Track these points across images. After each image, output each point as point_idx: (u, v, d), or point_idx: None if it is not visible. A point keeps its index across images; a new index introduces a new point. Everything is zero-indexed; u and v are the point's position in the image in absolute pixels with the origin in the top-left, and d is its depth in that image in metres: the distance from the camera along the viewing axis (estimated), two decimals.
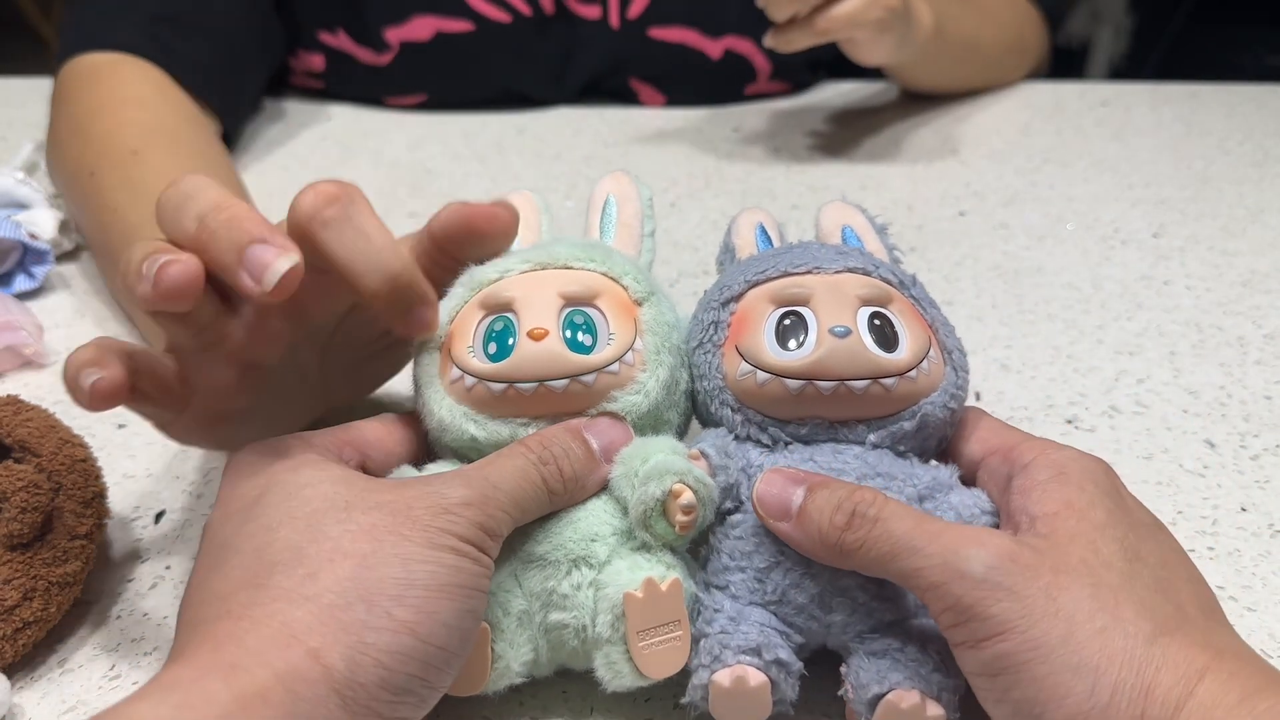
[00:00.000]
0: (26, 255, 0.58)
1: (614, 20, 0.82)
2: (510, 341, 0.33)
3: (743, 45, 0.83)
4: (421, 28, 0.80)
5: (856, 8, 0.64)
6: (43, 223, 0.60)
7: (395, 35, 0.81)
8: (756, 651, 0.31)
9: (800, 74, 0.88)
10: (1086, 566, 0.28)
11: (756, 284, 0.35)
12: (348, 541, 0.28)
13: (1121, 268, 0.61)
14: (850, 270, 0.35)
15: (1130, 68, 1.68)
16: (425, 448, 0.36)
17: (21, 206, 0.61)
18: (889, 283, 0.35)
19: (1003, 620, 0.27)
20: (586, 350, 0.33)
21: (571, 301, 0.34)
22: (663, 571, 0.32)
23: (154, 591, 0.39)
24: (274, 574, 0.27)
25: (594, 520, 0.33)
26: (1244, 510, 0.42)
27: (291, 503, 0.29)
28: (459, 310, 0.35)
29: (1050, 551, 0.29)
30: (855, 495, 0.30)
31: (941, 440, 0.36)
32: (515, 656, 0.32)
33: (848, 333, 0.32)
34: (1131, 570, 0.28)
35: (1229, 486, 0.44)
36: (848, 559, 0.30)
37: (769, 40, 0.67)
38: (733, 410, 0.34)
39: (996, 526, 0.33)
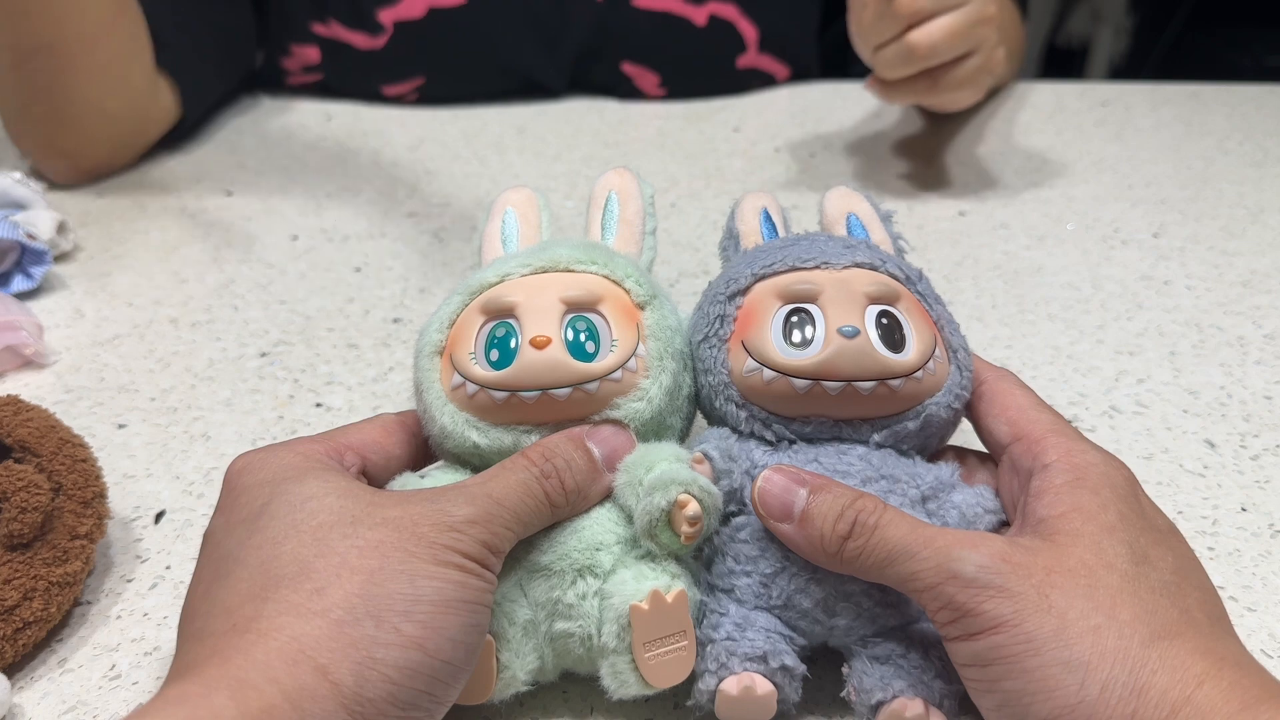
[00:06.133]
0: (24, 256, 0.58)
1: None
2: (513, 346, 0.33)
3: (726, 10, 0.84)
4: (414, 5, 0.81)
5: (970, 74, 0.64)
6: (41, 223, 0.60)
7: (389, 16, 0.81)
8: (763, 659, 0.31)
9: (793, 47, 0.88)
10: (1085, 567, 0.28)
11: (763, 278, 0.35)
12: (354, 557, 0.28)
13: (1121, 268, 0.61)
14: (858, 265, 0.34)
15: (1130, 68, 1.68)
16: (425, 449, 0.36)
17: (19, 207, 0.61)
18: (896, 278, 0.35)
19: (994, 616, 0.28)
20: (589, 357, 0.33)
21: (574, 307, 0.33)
22: (668, 582, 0.31)
23: (154, 591, 0.39)
24: (280, 588, 0.27)
25: (598, 529, 0.32)
26: (1244, 510, 0.42)
27: (297, 515, 0.29)
28: (459, 314, 0.35)
29: (1045, 551, 0.29)
30: (857, 504, 0.30)
31: (944, 438, 0.36)
32: (521, 666, 0.32)
33: (856, 333, 0.32)
34: (1137, 573, 0.29)
35: (1229, 486, 0.44)
36: (847, 566, 0.30)
37: (871, 87, 0.65)
38: (737, 406, 0.34)
39: (1003, 524, 0.34)
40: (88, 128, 0.69)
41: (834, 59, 0.93)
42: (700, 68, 0.86)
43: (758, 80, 0.88)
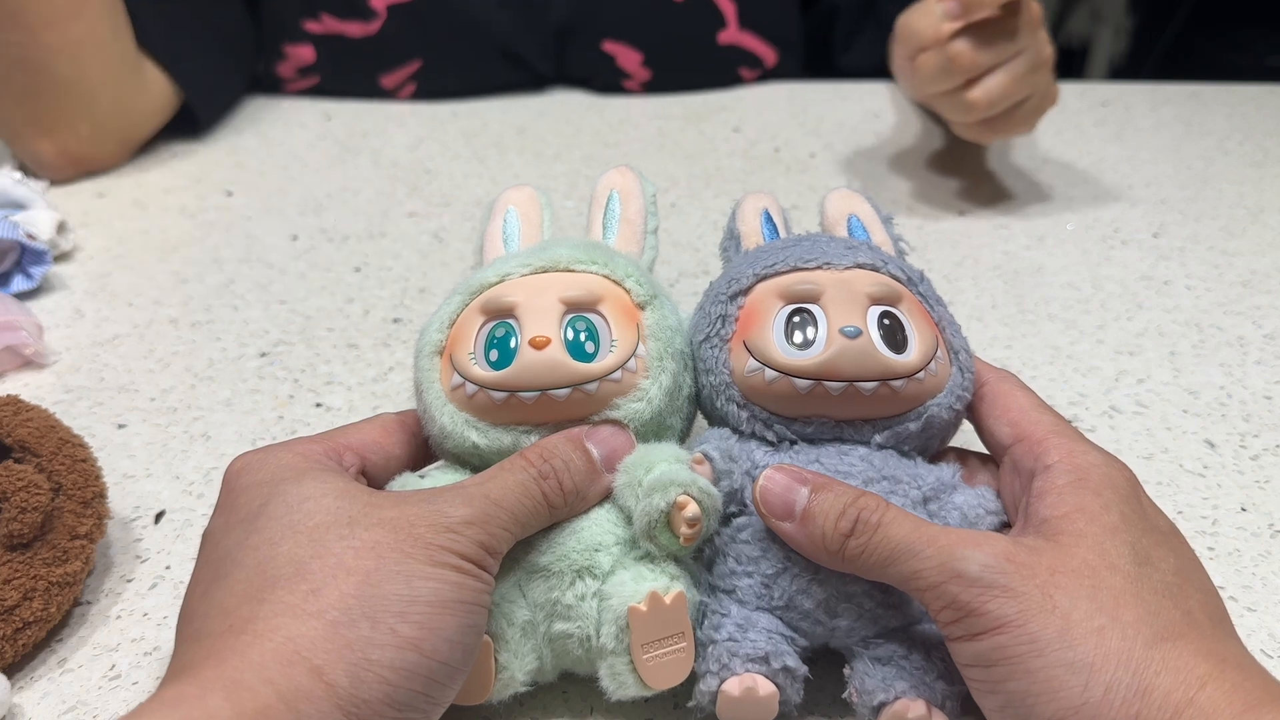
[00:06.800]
0: (24, 256, 0.58)
1: None
2: (512, 347, 0.33)
3: None
4: None
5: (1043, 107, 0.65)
6: (41, 223, 0.60)
7: (381, 0, 0.82)
8: (765, 660, 0.31)
9: (774, 24, 0.88)
10: (1089, 568, 0.28)
11: (765, 278, 0.35)
12: (350, 558, 0.28)
13: (1121, 268, 0.61)
14: (860, 266, 0.34)
15: (1130, 68, 1.68)
16: (425, 449, 0.36)
17: (19, 207, 0.61)
18: (898, 279, 0.35)
19: (998, 616, 0.28)
20: (589, 357, 0.33)
21: (573, 307, 0.33)
22: (666, 583, 0.31)
23: (154, 591, 0.39)
24: (276, 588, 0.27)
25: (597, 530, 0.32)
26: (1244, 510, 0.42)
27: (294, 516, 0.29)
28: (459, 314, 0.35)
29: (1049, 551, 0.29)
30: (859, 502, 0.30)
31: (945, 439, 0.36)
32: (520, 666, 0.32)
33: (858, 333, 0.32)
34: (1139, 574, 0.29)
35: (1229, 486, 0.44)
36: (848, 565, 0.30)
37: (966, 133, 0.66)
38: (739, 406, 0.34)
39: (1004, 524, 0.34)
40: (68, 108, 0.68)
41: (818, 40, 0.93)
42: (682, 45, 0.86)
43: (743, 60, 0.88)
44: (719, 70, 0.88)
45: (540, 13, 0.84)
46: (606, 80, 0.87)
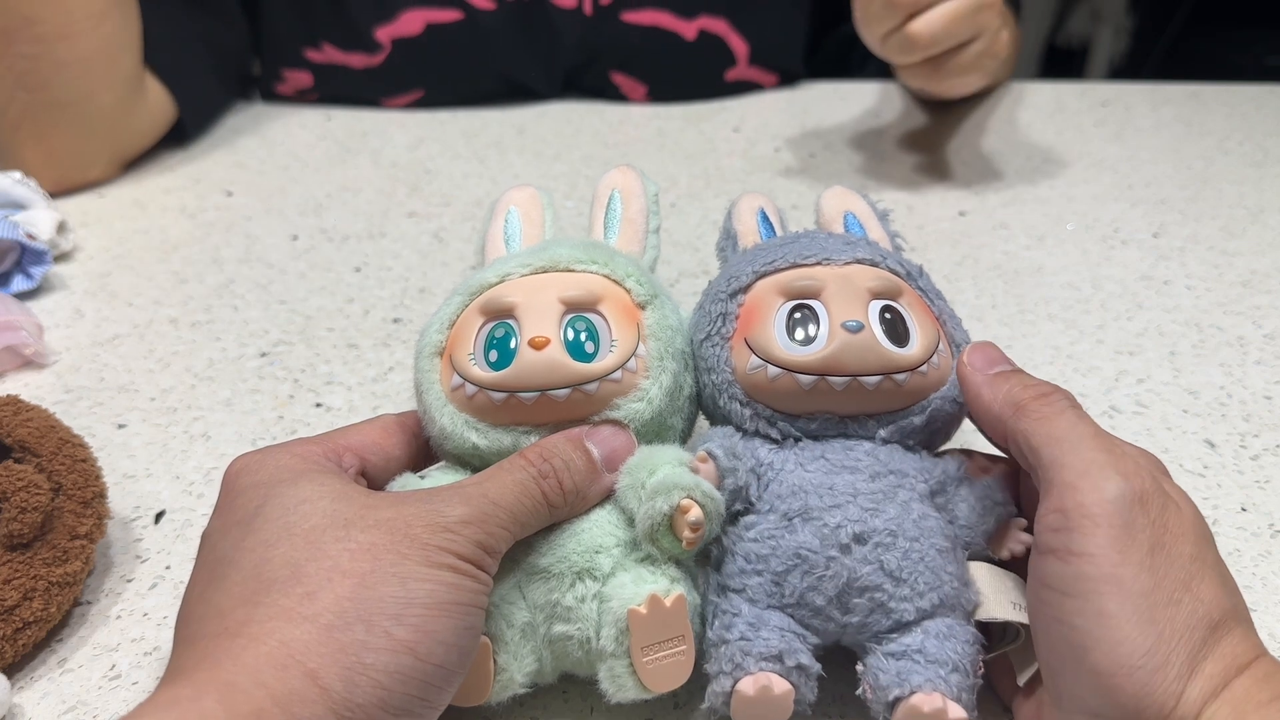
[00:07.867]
0: (24, 256, 0.58)
1: (587, 7, 0.82)
2: (512, 347, 0.33)
3: (716, 25, 0.84)
4: (411, 22, 0.81)
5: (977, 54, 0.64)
6: (41, 223, 0.60)
7: (386, 33, 0.81)
8: (779, 658, 0.30)
9: (783, 59, 0.88)
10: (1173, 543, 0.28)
11: (765, 275, 0.35)
12: (346, 560, 0.28)
13: (1121, 268, 0.61)
14: (859, 261, 0.34)
15: (1130, 68, 1.68)
16: (425, 450, 0.36)
17: (19, 207, 0.61)
18: (897, 274, 0.35)
19: (1101, 545, 0.27)
20: (589, 357, 0.33)
21: (573, 307, 0.33)
22: (667, 586, 0.31)
23: (154, 591, 0.39)
24: (272, 591, 0.27)
25: (598, 532, 0.32)
26: (1244, 510, 0.42)
27: (290, 518, 0.29)
28: (459, 315, 0.35)
29: (1166, 510, 0.29)
30: (1059, 390, 0.32)
31: (949, 434, 0.36)
32: (519, 668, 0.32)
33: (860, 327, 0.32)
34: (1199, 555, 0.29)
35: (1229, 486, 0.44)
36: (1018, 420, 0.31)
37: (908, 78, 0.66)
38: (741, 404, 0.34)
39: (1010, 516, 0.33)
40: (65, 129, 0.67)
41: (833, 63, 0.93)
42: (689, 80, 0.86)
43: (746, 89, 0.88)
44: (721, 98, 0.88)
45: (550, 48, 0.84)
46: (609, 100, 0.87)
